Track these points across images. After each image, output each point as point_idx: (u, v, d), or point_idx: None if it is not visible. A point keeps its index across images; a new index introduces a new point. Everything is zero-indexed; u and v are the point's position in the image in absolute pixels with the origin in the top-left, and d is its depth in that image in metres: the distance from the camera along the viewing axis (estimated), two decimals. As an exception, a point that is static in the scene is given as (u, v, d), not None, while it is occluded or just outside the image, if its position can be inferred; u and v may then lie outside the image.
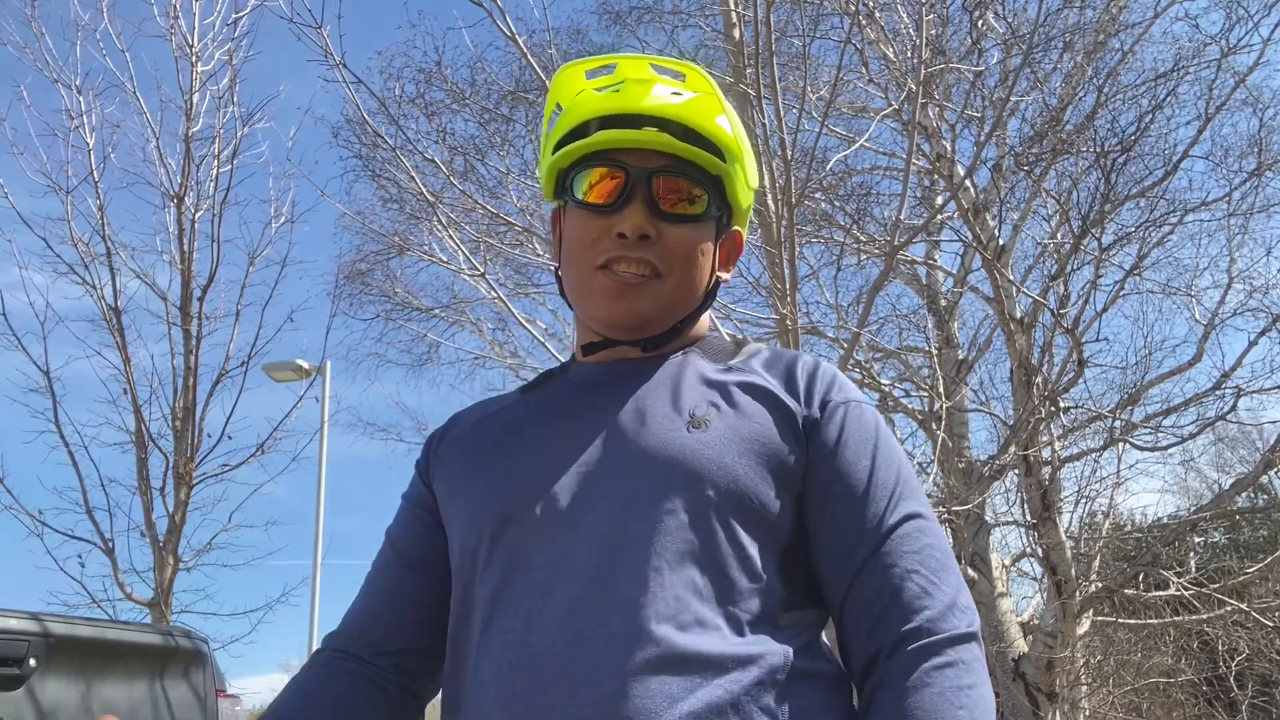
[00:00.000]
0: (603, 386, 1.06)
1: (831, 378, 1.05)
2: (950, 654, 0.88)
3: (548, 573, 0.92)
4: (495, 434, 1.09)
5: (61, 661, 2.82)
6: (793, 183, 4.38)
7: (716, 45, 7.99)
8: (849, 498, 0.97)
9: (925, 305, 8.86)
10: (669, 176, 1.03)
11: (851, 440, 1.00)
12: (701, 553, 0.91)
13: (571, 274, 1.07)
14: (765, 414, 0.99)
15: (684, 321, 1.09)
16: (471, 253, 6.48)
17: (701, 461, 0.94)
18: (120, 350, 7.13)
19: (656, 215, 1.03)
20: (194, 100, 7.53)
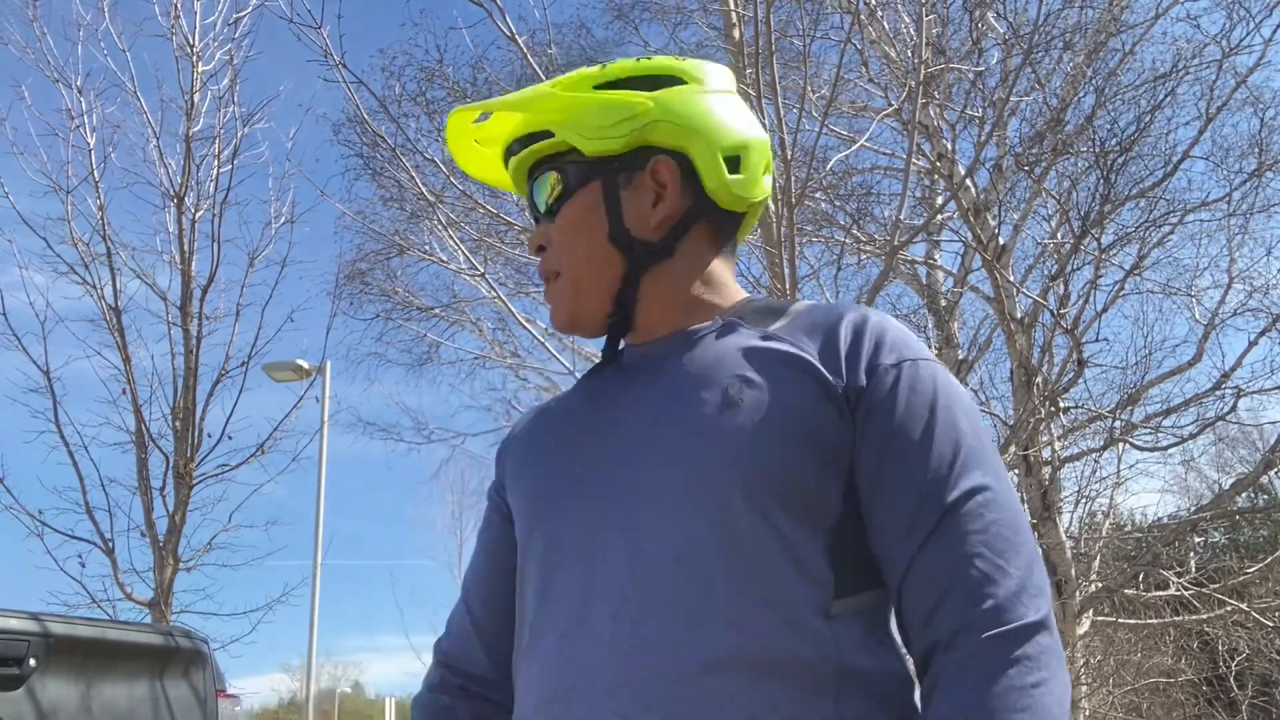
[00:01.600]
0: (645, 368, 1.01)
1: (879, 337, 0.94)
2: (1014, 648, 0.81)
3: (583, 575, 0.90)
4: (550, 424, 1.07)
5: (61, 661, 2.82)
6: (793, 182, 4.38)
7: (716, 44, 7.99)
8: (902, 473, 0.89)
9: (925, 305, 8.86)
10: (528, 184, 1.06)
11: (903, 407, 0.90)
12: (735, 543, 0.86)
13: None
14: (803, 386, 0.91)
15: (624, 293, 1.01)
16: (471, 252, 6.48)
17: (734, 443, 0.89)
18: (120, 350, 7.13)
19: (545, 219, 1.04)
20: (194, 100, 7.54)
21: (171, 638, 3.27)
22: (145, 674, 3.10)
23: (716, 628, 0.83)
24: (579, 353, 8.27)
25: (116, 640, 3.04)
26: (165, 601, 6.72)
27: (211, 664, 3.37)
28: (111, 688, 2.97)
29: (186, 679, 3.24)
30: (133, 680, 3.05)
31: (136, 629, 3.26)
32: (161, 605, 6.69)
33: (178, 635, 3.31)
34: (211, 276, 7.33)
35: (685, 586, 0.85)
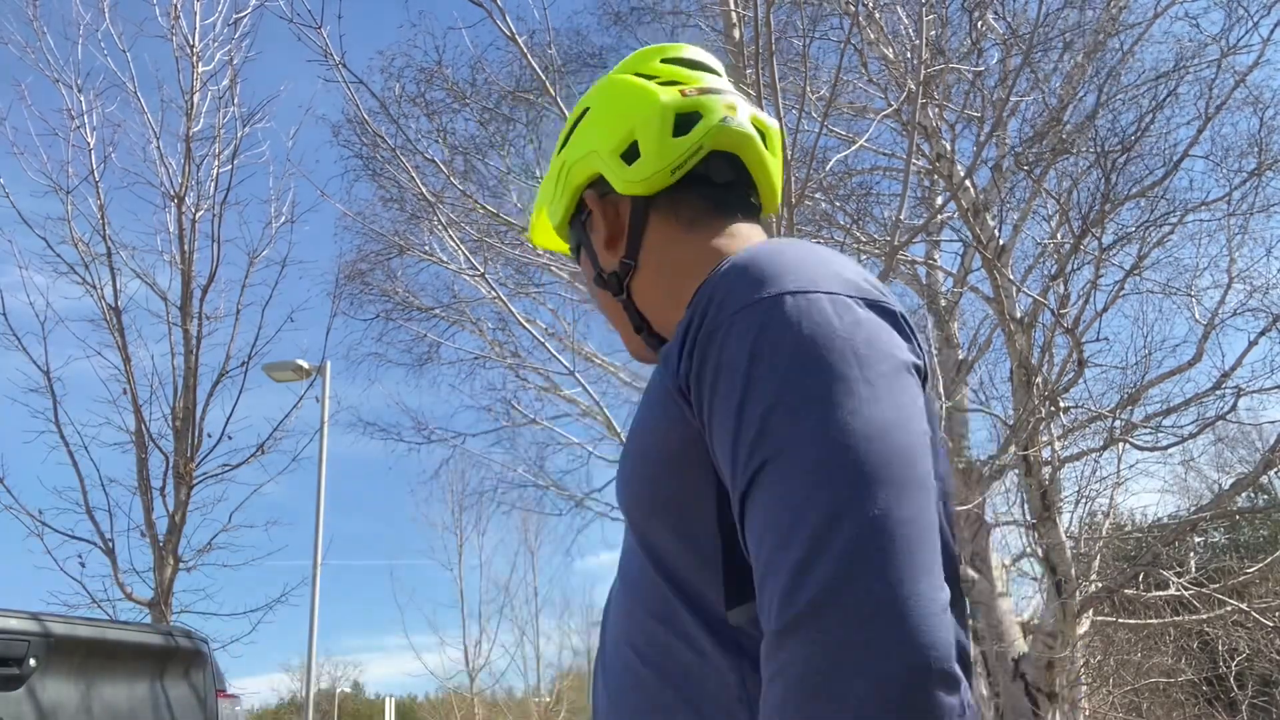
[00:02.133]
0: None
1: (706, 307, 0.80)
2: (774, 662, 0.66)
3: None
4: None
5: (61, 661, 2.82)
6: (792, 183, 4.38)
7: (716, 45, 7.99)
8: (723, 460, 0.77)
9: (925, 305, 8.87)
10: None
11: (709, 387, 0.77)
12: (638, 575, 0.87)
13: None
14: (655, 398, 0.86)
15: (641, 329, 1.05)
16: (471, 252, 6.48)
17: (621, 478, 0.90)
18: (120, 350, 7.14)
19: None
20: (194, 100, 7.54)
21: (171, 638, 3.27)
22: (145, 674, 3.10)
23: (622, 665, 0.87)
24: (578, 352, 8.28)
25: (116, 640, 3.04)
26: (165, 601, 6.72)
27: (211, 664, 3.37)
28: (111, 688, 2.97)
29: (186, 679, 3.24)
30: (133, 680, 3.05)
31: (136, 629, 3.26)
32: (161, 605, 6.70)
33: (178, 635, 3.31)
34: (211, 276, 7.35)
35: (611, 627, 0.92)
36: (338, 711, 33.14)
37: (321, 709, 31.25)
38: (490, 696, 24.13)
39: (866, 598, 0.62)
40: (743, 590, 0.79)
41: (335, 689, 33.43)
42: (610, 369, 8.70)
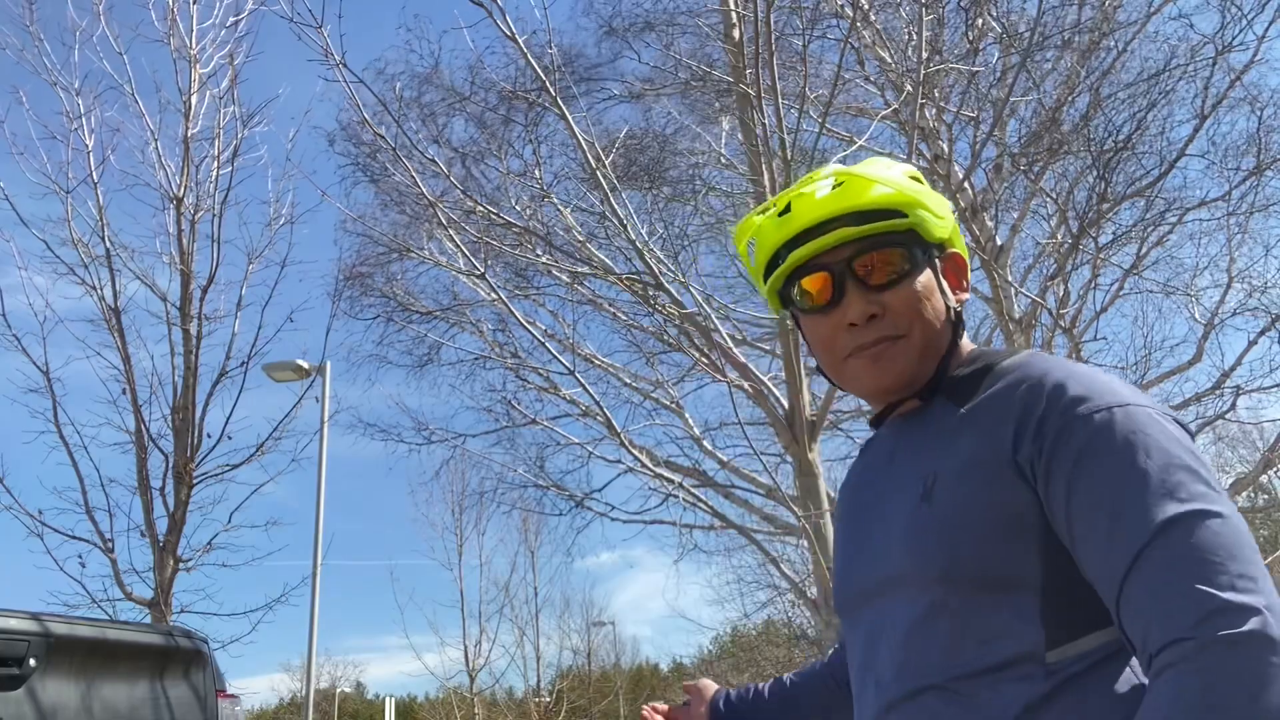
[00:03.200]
0: (886, 449, 1.20)
1: (1054, 396, 1.01)
2: (1189, 664, 0.83)
3: (863, 647, 1.11)
4: (841, 495, 1.30)
5: (61, 661, 2.82)
6: (791, 183, 4.39)
7: (715, 45, 7.99)
8: (1087, 527, 0.95)
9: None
10: (864, 256, 1.13)
11: (1075, 463, 0.96)
12: (936, 628, 1.01)
13: (828, 368, 1.21)
14: (989, 465, 1.01)
15: (946, 358, 1.15)
16: (471, 254, 6.49)
17: (927, 539, 1.02)
18: (120, 351, 7.14)
19: (872, 292, 1.13)
20: (192, 102, 7.55)
21: (171, 638, 3.27)
22: (145, 674, 3.11)
23: (918, 696, 1.02)
24: (578, 353, 8.29)
25: (116, 640, 3.05)
26: (165, 601, 6.73)
27: (211, 664, 3.38)
28: (111, 687, 2.98)
29: (186, 679, 3.25)
30: (133, 680, 3.06)
31: (136, 629, 3.27)
32: (161, 605, 6.70)
33: (178, 635, 3.31)
34: (211, 277, 7.35)
35: (893, 683, 1.04)
36: (338, 711, 33.14)
37: (321, 709, 31.26)
38: (490, 696, 24.14)
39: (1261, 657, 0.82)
40: (1060, 634, 0.97)
41: (335, 689, 33.43)
42: (610, 369, 8.71)
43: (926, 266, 1.16)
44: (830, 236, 1.14)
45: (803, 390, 5.85)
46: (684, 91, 8.55)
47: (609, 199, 5.17)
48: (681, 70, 8.27)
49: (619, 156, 7.04)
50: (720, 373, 5.94)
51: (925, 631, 1.02)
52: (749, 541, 7.39)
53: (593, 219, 7.74)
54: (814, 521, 5.69)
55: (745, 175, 7.60)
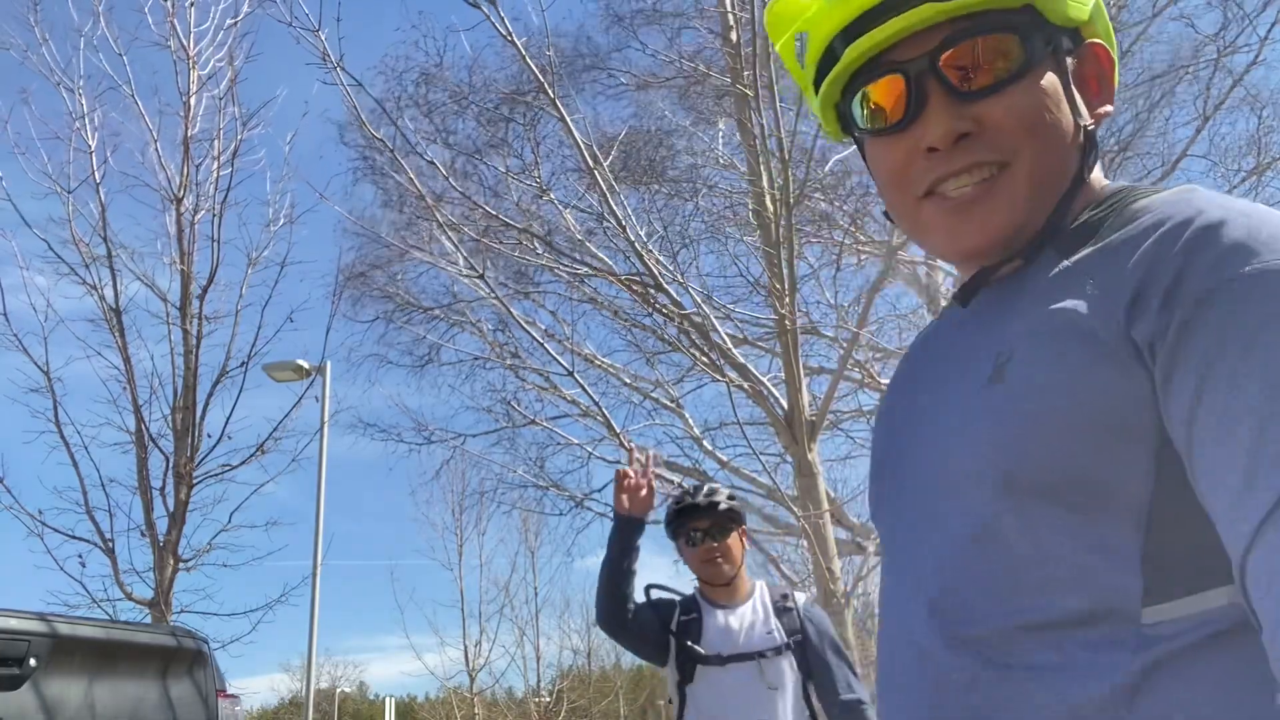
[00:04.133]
0: (953, 324, 0.88)
1: (1207, 246, 0.67)
2: None
3: (892, 560, 0.84)
4: (891, 386, 0.97)
5: (62, 661, 2.83)
6: (791, 183, 4.39)
7: (714, 47, 8.01)
8: (1221, 455, 0.62)
9: (925, 305, 8.88)
10: (957, 47, 0.79)
11: (1230, 356, 0.63)
12: (986, 557, 0.73)
13: (897, 212, 0.87)
14: (1090, 338, 0.70)
15: (1062, 202, 0.80)
16: (471, 254, 6.50)
17: (989, 429, 0.73)
18: (121, 351, 7.15)
19: (965, 101, 0.79)
20: (192, 103, 7.56)
21: (172, 638, 3.28)
22: (146, 674, 3.12)
23: (979, 659, 0.73)
24: (578, 353, 8.29)
25: (117, 640, 3.05)
26: (165, 601, 6.73)
27: (212, 664, 3.38)
28: (112, 687, 2.98)
29: (187, 679, 3.25)
30: (133, 680, 3.06)
31: (137, 629, 3.28)
32: (161, 605, 6.71)
33: (178, 635, 3.32)
34: (211, 277, 7.36)
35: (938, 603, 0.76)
36: (338, 711, 33.16)
37: (321, 709, 31.27)
38: (490, 696, 24.15)
39: None
40: (1165, 585, 0.67)
41: (335, 689, 33.45)
42: (610, 369, 8.72)
43: (1050, 64, 0.80)
44: (907, 17, 0.78)
45: (802, 390, 5.85)
46: (684, 91, 8.56)
47: (607, 199, 5.18)
48: (681, 69, 8.28)
49: (617, 155, 7.04)
50: (719, 373, 5.94)
51: (970, 560, 0.74)
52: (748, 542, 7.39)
53: (592, 218, 7.75)
54: (813, 521, 5.70)
55: (744, 176, 7.61)
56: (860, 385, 8.91)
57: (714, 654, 2.54)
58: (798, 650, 2.56)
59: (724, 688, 2.50)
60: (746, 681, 2.48)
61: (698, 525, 2.65)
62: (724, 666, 2.50)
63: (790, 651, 2.55)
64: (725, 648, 2.54)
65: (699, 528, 2.65)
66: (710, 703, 2.51)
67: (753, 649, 2.54)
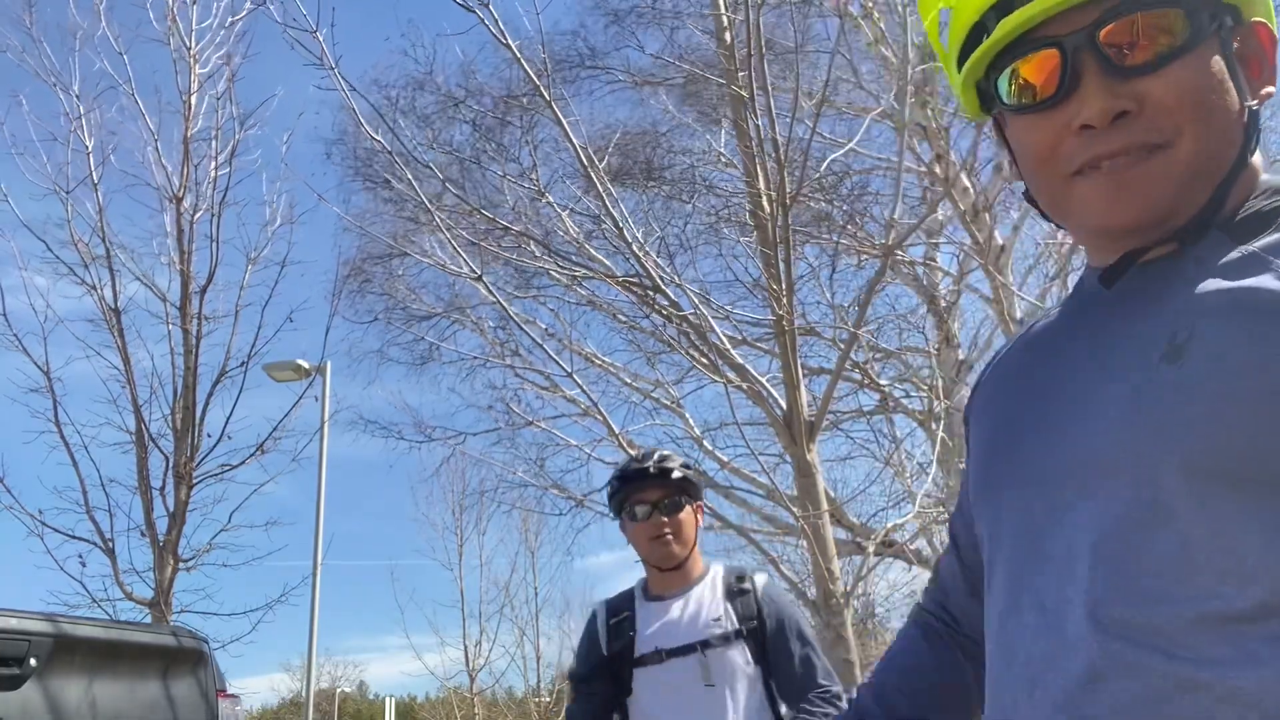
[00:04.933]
0: (1098, 305, 0.85)
1: None
2: None
3: (1021, 542, 0.80)
4: (1004, 368, 0.94)
5: (62, 661, 2.84)
6: (787, 183, 4.40)
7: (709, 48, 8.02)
8: None
9: (925, 305, 8.89)
10: (1118, 21, 0.76)
11: None
12: (1155, 541, 0.69)
13: (1041, 192, 0.84)
14: (1273, 326, 0.68)
15: (1223, 186, 0.78)
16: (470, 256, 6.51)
17: (1168, 407, 0.70)
18: (120, 351, 7.16)
19: (1124, 78, 0.76)
20: (192, 102, 7.57)
21: (172, 638, 3.29)
22: (146, 674, 3.13)
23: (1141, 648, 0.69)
24: (578, 353, 8.30)
25: (117, 640, 3.07)
26: (165, 601, 6.75)
27: (212, 664, 3.40)
28: (112, 687, 2.99)
29: (187, 679, 3.27)
30: (133, 680, 3.08)
31: (137, 629, 3.29)
32: (161, 605, 6.72)
33: (179, 635, 3.33)
34: (210, 277, 7.37)
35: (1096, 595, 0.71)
36: (338, 711, 33.17)
37: (322, 709, 31.28)
38: (490, 696, 24.16)
39: None
40: None
41: (335, 689, 33.46)
42: (610, 369, 8.73)
43: (1215, 41, 0.77)
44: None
45: (801, 390, 5.86)
46: (682, 91, 8.57)
47: (604, 201, 5.19)
48: (678, 70, 8.29)
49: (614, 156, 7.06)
50: (717, 373, 5.96)
51: (1138, 544, 0.70)
52: (748, 542, 7.41)
53: (590, 220, 7.76)
54: (812, 522, 5.71)
55: (742, 177, 7.62)
56: (860, 386, 8.92)
57: (650, 650, 2.15)
58: (752, 639, 2.16)
59: (662, 689, 2.13)
60: (688, 680, 2.11)
61: (645, 498, 2.25)
62: (664, 664, 2.13)
63: (744, 640, 2.15)
64: (665, 641, 2.16)
65: (647, 500, 2.24)
66: (647, 707, 2.15)
67: (694, 639, 2.15)
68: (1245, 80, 0.80)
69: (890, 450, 9.27)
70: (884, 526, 7.93)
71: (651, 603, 2.26)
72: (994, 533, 0.85)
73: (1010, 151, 0.88)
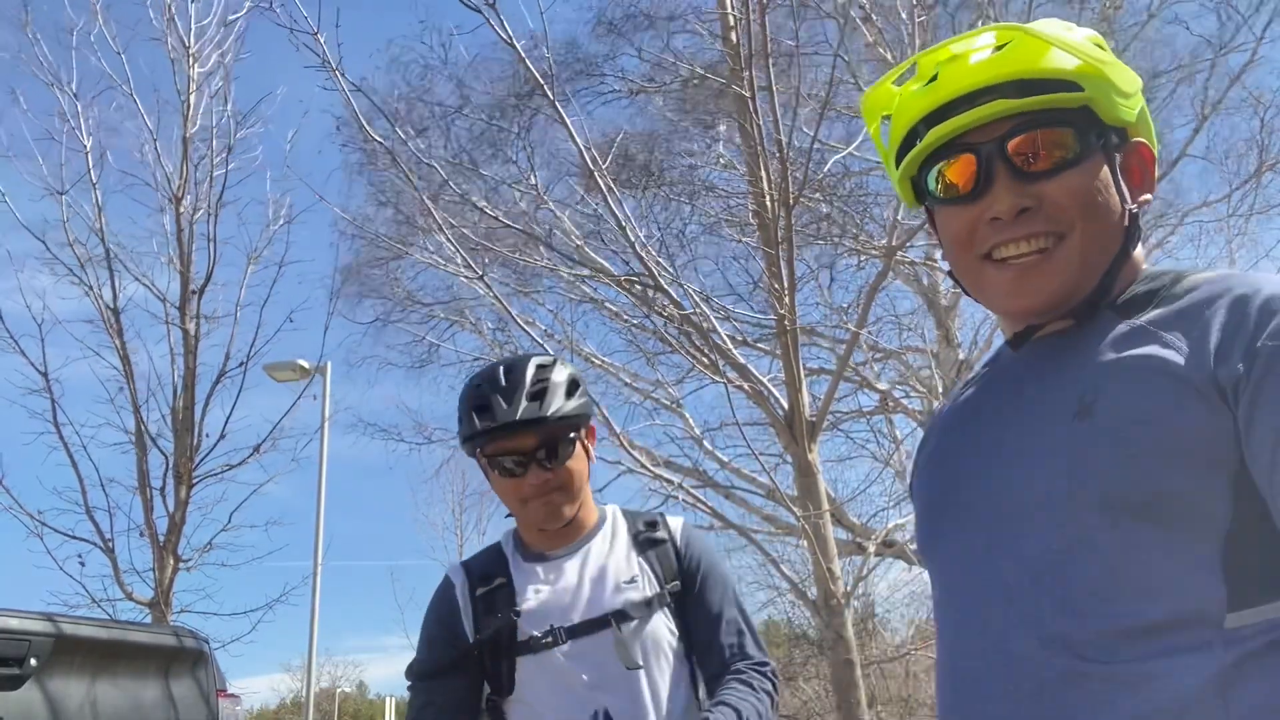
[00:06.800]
0: (1012, 374, 1.01)
1: (1267, 313, 0.82)
2: None
3: (966, 582, 0.93)
4: (939, 432, 1.09)
5: (63, 661, 2.83)
6: (789, 184, 4.40)
7: (712, 49, 8.01)
8: None
9: (925, 305, 8.89)
10: (1022, 136, 0.93)
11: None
12: (1081, 567, 0.83)
13: (961, 271, 1.01)
14: (1179, 379, 0.83)
15: (1110, 274, 0.95)
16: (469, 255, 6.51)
17: (1085, 454, 0.84)
18: (119, 351, 7.14)
19: (1027, 181, 0.92)
20: (191, 101, 7.55)
21: (173, 637, 3.29)
22: (146, 674, 3.12)
23: (1067, 654, 0.83)
24: (577, 353, 8.30)
25: (117, 640, 3.06)
26: (165, 601, 6.74)
27: (212, 664, 3.39)
28: (112, 687, 2.99)
29: (187, 679, 3.26)
30: (134, 680, 3.07)
31: (137, 629, 3.28)
32: (162, 605, 6.71)
33: (179, 635, 3.33)
34: (208, 276, 7.34)
35: (1022, 611, 0.85)
36: (338, 711, 33.15)
37: (322, 709, 31.26)
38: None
39: None
40: (1245, 593, 0.79)
41: (336, 689, 33.45)
42: (610, 369, 8.73)
43: (1100, 155, 0.94)
44: (982, 110, 0.92)
45: (802, 391, 5.86)
46: (682, 92, 8.57)
47: (607, 200, 5.19)
48: (678, 73, 8.29)
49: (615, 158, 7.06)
50: (718, 374, 5.95)
51: (1067, 570, 0.84)
52: (749, 542, 7.40)
53: (590, 220, 7.76)
54: (813, 522, 5.70)
55: (744, 176, 7.62)
56: (860, 386, 8.92)
57: (542, 631, 1.57)
58: (677, 603, 1.65)
59: (559, 680, 1.56)
60: (597, 665, 1.56)
61: (514, 446, 1.60)
62: (562, 647, 1.57)
63: (667, 607, 1.64)
64: (561, 616, 1.59)
65: (518, 450, 1.60)
66: (536, 706, 1.58)
67: (604, 609, 1.59)
68: (1128, 188, 0.97)
69: (890, 450, 9.27)
70: (884, 527, 7.94)
71: (533, 564, 1.66)
72: (942, 577, 0.98)
73: (939, 237, 1.04)
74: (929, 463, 1.08)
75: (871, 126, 1.07)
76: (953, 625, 0.94)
